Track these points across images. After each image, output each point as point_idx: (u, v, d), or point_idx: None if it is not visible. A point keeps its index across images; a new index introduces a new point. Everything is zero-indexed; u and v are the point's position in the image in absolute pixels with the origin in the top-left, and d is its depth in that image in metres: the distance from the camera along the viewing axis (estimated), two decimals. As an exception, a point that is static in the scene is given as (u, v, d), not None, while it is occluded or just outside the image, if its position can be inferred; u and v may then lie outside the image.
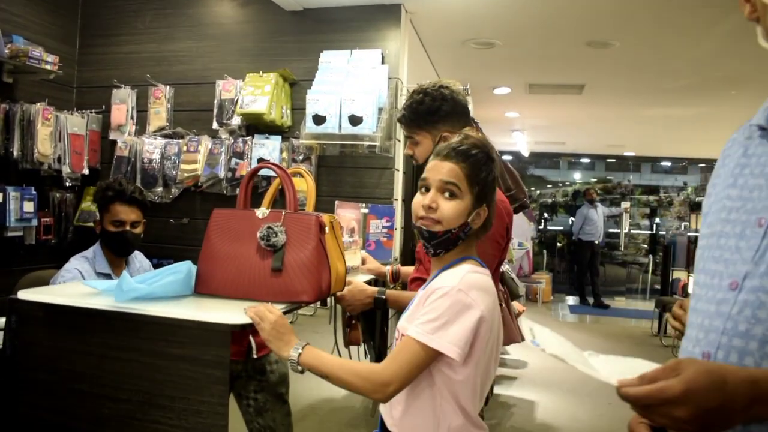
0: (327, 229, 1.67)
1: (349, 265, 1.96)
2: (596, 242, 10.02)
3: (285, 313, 1.62)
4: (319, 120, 3.06)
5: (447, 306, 1.39)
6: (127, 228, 2.50)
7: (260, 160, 3.21)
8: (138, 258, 2.65)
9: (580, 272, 10.27)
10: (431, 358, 1.40)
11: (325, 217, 1.69)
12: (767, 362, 0.90)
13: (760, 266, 0.94)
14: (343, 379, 1.41)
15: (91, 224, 3.60)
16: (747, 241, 0.98)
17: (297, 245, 1.60)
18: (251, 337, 2.49)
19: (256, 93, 3.22)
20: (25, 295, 1.62)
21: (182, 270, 1.60)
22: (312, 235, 1.61)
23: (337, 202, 2.69)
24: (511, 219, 2.15)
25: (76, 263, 2.47)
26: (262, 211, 1.65)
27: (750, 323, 0.93)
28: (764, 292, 0.92)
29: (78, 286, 1.83)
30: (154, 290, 1.54)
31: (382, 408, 1.57)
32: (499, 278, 2.26)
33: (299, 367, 1.44)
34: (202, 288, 1.66)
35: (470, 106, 3.54)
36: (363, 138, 3.03)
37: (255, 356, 2.52)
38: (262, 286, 1.59)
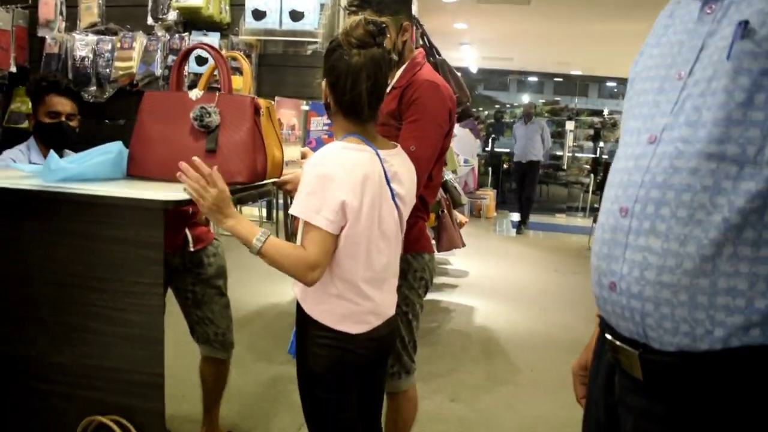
0: (263, 112, 1.65)
1: (287, 158, 1.94)
2: (525, 161, 9.23)
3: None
4: (258, 15, 2.96)
5: (306, 180, 1.56)
6: (63, 119, 2.47)
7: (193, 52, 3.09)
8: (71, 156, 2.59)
9: (519, 190, 9.73)
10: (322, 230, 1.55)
11: (262, 101, 1.67)
12: (683, 210, 0.93)
13: (678, 117, 0.96)
14: (282, 264, 1.56)
15: (23, 125, 3.48)
16: (666, 95, 0.99)
17: (231, 126, 1.58)
18: (187, 230, 2.47)
19: (192, -14, 3.08)
20: (-53, 176, 1.56)
21: (113, 150, 1.57)
22: (247, 116, 1.59)
23: (277, 98, 2.63)
24: (454, 105, 2.17)
25: (10, 153, 2.42)
26: (195, 93, 1.62)
27: (667, 173, 0.95)
28: (682, 141, 0.94)
29: (4, 170, 1.77)
30: (84, 170, 1.51)
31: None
32: (442, 165, 2.30)
33: (256, 252, 1.55)
34: (134, 170, 1.63)
35: (414, 6, 3.48)
36: (305, 35, 2.95)
37: (192, 249, 2.50)
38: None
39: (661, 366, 0.96)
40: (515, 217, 10.32)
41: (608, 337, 1.06)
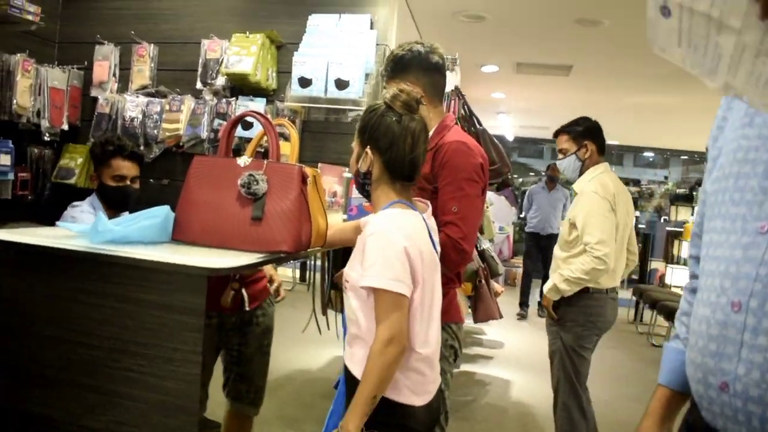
0: (309, 181, 1.64)
1: (331, 225, 1.93)
2: (544, 234, 7.67)
3: (263, 263, 1.60)
4: (304, 83, 3.02)
5: (373, 248, 1.53)
6: (128, 183, 2.60)
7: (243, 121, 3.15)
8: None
9: (530, 266, 8.10)
10: (398, 296, 1.51)
11: (308, 170, 1.67)
12: None
13: None
14: (375, 382, 1.49)
15: (70, 181, 3.56)
16: None
17: (278, 195, 1.58)
18: (243, 290, 2.50)
19: (241, 53, 3.16)
20: (-4, 235, 1.58)
21: (159, 215, 1.57)
22: (294, 185, 1.59)
23: (320, 165, 2.66)
24: (486, 162, 2.18)
25: (73, 212, 2.49)
26: (243, 160, 1.62)
27: None
28: None
29: (53, 229, 1.78)
30: (129, 233, 1.51)
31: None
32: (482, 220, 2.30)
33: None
34: (179, 235, 1.63)
35: (457, 77, 3.53)
36: (348, 102, 3.00)
37: (247, 308, 2.52)
38: (242, 235, 1.57)
39: None
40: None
41: None
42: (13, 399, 1.60)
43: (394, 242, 1.52)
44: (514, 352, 6.07)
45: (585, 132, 3.20)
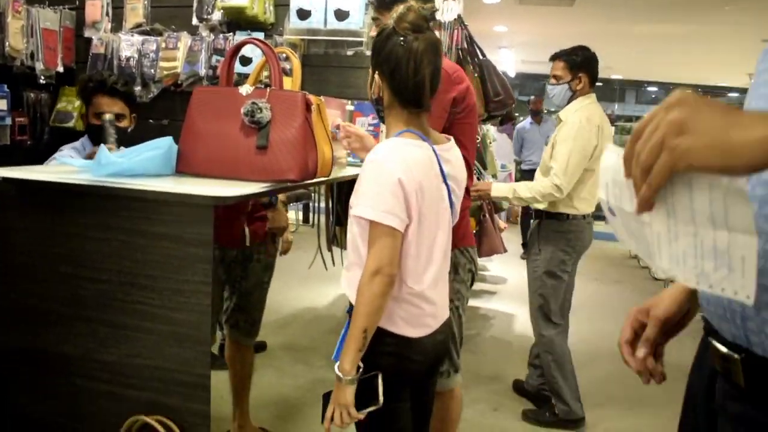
0: (313, 109, 1.61)
1: (335, 157, 1.90)
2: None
3: (270, 192, 1.58)
4: (303, 14, 2.94)
5: (367, 178, 1.51)
6: (108, 117, 2.45)
7: (240, 51, 3.08)
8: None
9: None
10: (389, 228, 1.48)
11: (312, 98, 1.63)
12: None
13: None
14: (364, 315, 1.48)
15: (68, 124, 3.51)
16: None
17: (282, 123, 1.54)
18: (245, 225, 2.51)
19: (237, -14, 3.07)
20: (-2, 172, 1.56)
21: (162, 146, 1.54)
22: (298, 113, 1.55)
23: (322, 98, 2.60)
24: (462, 92, 2.17)
25: (68, 150, 2.44)
26: (246, 89, 1.58)
27: None
28: None
29: (57, 166, 1.76)
30: (133, 165, 1.48)
31: None
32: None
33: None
34: (183, 167, 1.60)
35: (460, 5, 3.43)
36: (349, 33, 2.92)
37: (248, 244, 2.53)
38: (247, 164, 1.54)
39: (764, 373, 0.88)
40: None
41: (710, 340, 0.99)
42: (28, 339, 1.61)
43: (389, 173, 1.48)
44: (517, 288, 6.10)
45: (582, 63, 3.17)
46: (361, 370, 1.51)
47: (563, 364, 3.20)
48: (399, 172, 1.48)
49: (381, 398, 1.53)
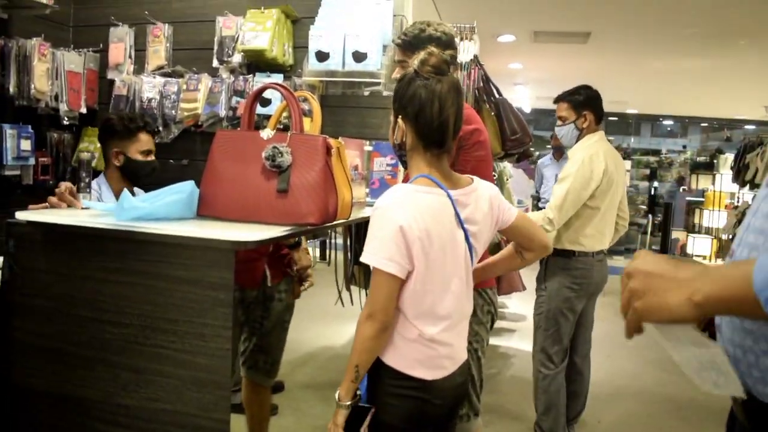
0: (333, 152, 1.62)
1: (355, 198, 1.91)
2: None
3: (291, 236, 1.58)
4: (322, 56, 2.98)
5: (372, 224, 1.56)
6: (154, 157, 2.68)
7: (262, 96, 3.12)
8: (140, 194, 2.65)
9: None
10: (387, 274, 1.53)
11: (332, 141, 1.65)
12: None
13: None
14: (355, 353, 1.57)
15: (91, 165, 3.57)
16: None
17: (303, 166, 1.56)
18: (266, 266, 2.53)
19: (257, 29, 3.13)
20: (23, 216, 1.58)
21: (185, 190, 1.56)
22: (319, 156, 1.56)
23: (340, 138, 2.62)
24: (467, 132, 2.20)
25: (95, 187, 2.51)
26: (267, 132, 1.60)
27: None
28: None
29: (77, 210, 1.78)
30: (156, 209, 1.50)
31: None
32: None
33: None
34: (205, 210, 1.61)
35: (476, 45, 3.46)
36: (367, 75, 2.96)
37: (269, 285, 2.56)
38: (268, 208, 1.55)
39: (763, 415, 0.93)
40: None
41: None
42: (49, 381, 1.61)
43: (391, 220, 1.52)
44: (537, 325, 6.05)
45: (585, 102, 3.22)
46: (357, 397, 1.61)
47: (556, 405, 3.18)
48: (400, 219, 1.51)
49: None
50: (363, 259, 1.56)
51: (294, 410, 3.61)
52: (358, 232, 3.08)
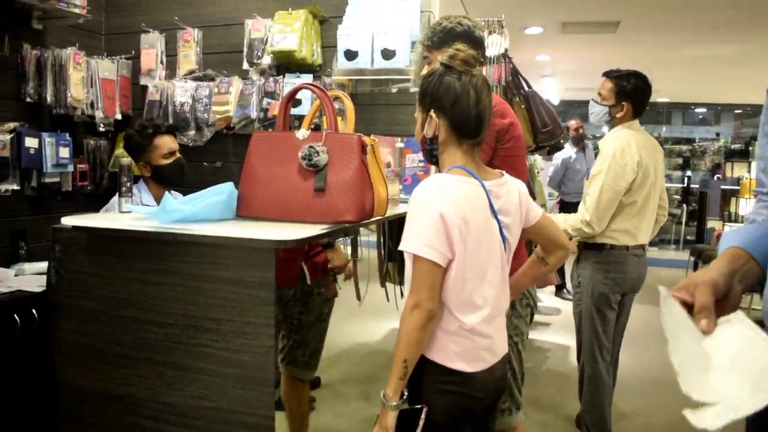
0: (368, 150, 1.63)
1: (389, 195, 1.92)
2: None
3: (329, 234, 1.60)
4: (351, 55, 3.00)
5: (412, 213, 1.56)
6: (178, 155, 2.72)
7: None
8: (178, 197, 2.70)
9: None
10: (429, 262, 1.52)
11: (366, 139, 1.66)
12: None
13: None
14: (402, 346, 1.53)
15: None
16: None
17: (339, 165, 1.57)
18: (303, 264, 2.55)
19: (285, 30, 3.16)
20: (68, 221, 1.62)
21: (225, 191, 1.59)
22: (354, 155, 1.58)
23: (372, 136, 2.64)
24: (504, 126, 2.22)
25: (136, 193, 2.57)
26: (302, 132, 1.62)
27: None
28: None
29: (119, 214, 1.83)
30: (197, 211, 1.53)
31: None
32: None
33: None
34: (243, 211, 1.64)
35: (506, 40, 3.45)
36: (396, 72, 2.97)
37: (309, 283, 2.58)
38: (305, 207, 1.57)
39: None
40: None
41: None
42: (96, 380, 1.65)
43: (431, 207, 1.52)
44: (571, 319, 5.99)
45: (630, 92, 3.02)
46: (405, 398, 1.56)
47: (601, 401, 3.11)
48: (441, 206, 1.52)
49: None
50: (402, 247, 1.55)
51: (331, 406, 3.64)
52: (390, 228, 3.09)
